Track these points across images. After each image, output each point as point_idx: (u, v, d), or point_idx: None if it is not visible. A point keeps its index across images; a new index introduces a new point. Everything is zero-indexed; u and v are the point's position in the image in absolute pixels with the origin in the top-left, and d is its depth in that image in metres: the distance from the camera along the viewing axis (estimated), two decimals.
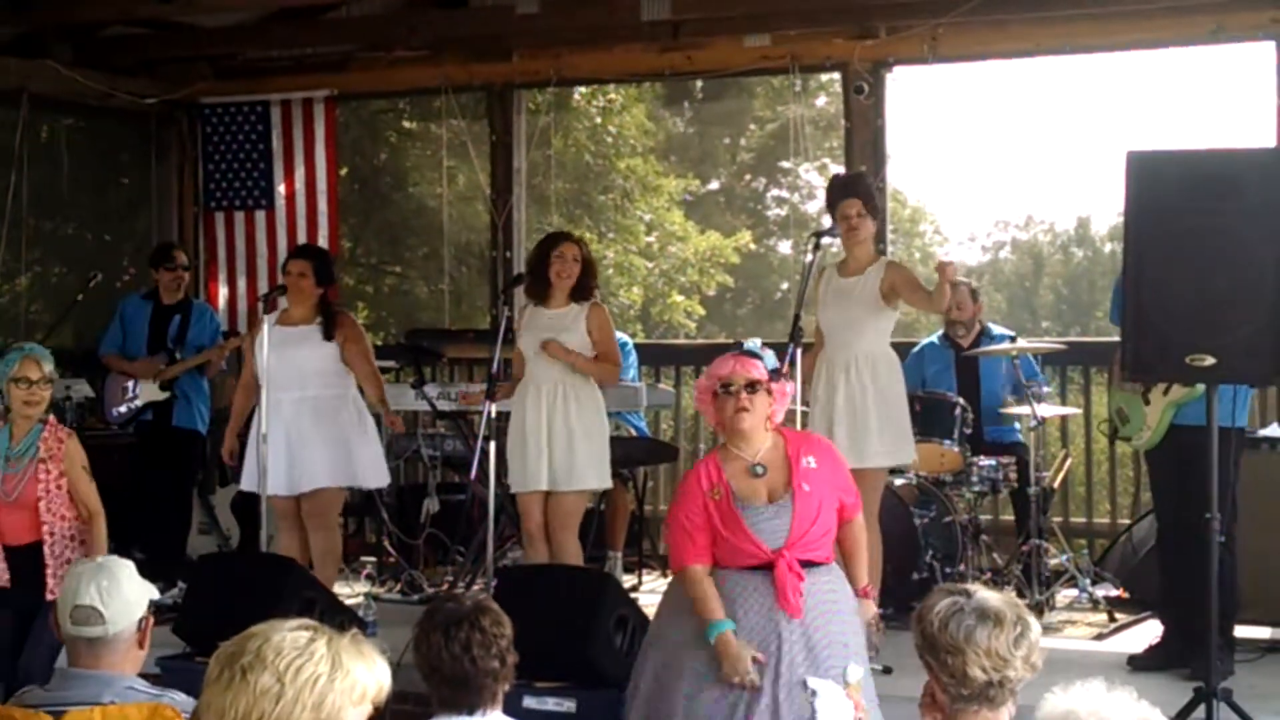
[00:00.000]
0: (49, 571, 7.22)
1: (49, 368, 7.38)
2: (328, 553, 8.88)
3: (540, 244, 8.76)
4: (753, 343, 6.24)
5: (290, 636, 3.02)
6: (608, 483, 8.75)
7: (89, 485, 7.43)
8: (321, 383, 8.86)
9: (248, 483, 9.00)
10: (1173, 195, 6.59)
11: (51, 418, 7.49)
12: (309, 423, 8.79)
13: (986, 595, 4.11)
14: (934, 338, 10.17)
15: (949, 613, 4.05)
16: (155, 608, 4.66)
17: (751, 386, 6.05)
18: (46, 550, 7.26)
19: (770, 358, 6.16)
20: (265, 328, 8.71)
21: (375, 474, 9.08)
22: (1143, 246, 6.68)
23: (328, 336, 8.87)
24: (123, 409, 10.30)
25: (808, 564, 6.00)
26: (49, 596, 6.93)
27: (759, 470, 6.08)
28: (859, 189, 8.20)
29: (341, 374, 8.93)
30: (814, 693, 5.87)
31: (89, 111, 12.97)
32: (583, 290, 8.50)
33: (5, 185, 11.59)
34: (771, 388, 6.08)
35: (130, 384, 10.28)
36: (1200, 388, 7.00)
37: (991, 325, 10.13)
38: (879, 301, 8.03)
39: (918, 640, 4.12)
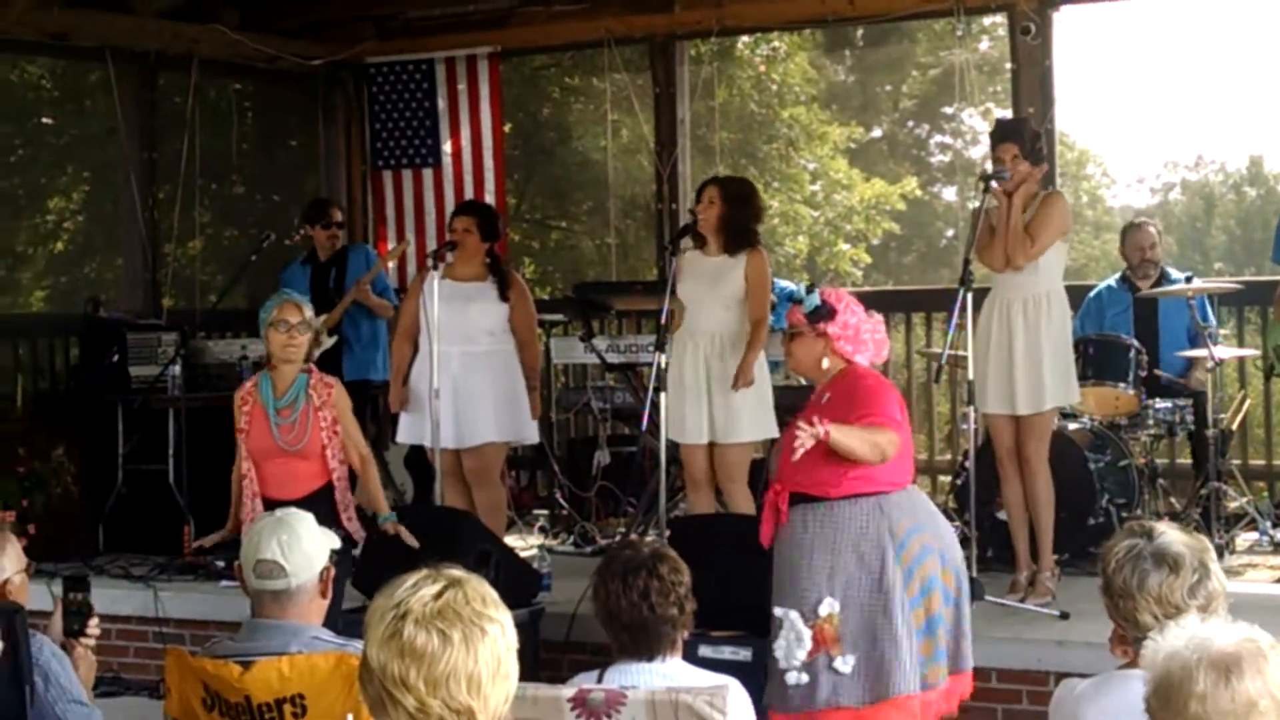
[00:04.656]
0: (344, 518, 7.29)
1: (309, 312, 7.33)
2: (492, 509, 8.92)
3: None
4: (798, 289, 6.19)
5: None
6: (773, 432, 8.69)
7: (359, 431, 7.52)
8: (491, 339, 8.91)
9: (404, 435, 9.10)
10: None
11: (313, 366, 7.47)
12: (478, 377, 8.84)
13: (1169, 539, 4.03)
14: (1112, 280, 10.02)
15: (1126, 556, 4.01)
16: (336, 557, 4.72)
17: (787, 334, 6.24)
18: (337, 497, 7.30)
19: (811, 300, 6.11)
20: (435, 282, 8.76)
21: (527, 431, 9.13)
22: None
23: (504, 297, 8.92)
24: None
25: (807, 498, 6.04)
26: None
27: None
28: (1015, 133, 8.10)
29: (509, 330, 8.98)
30: (779, 621, 6.03)
31: (256, 74, 13.12)
32: (738, 233, 8.38)
33: (178, 149, 11.77)
34: (817, 329, 6.09)
35: None
36: None
37: (1169, 269, 9.96)
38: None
39: (1100, 579, 4.10)
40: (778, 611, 6.04)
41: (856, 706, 5.90)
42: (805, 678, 5.92)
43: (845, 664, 5.88)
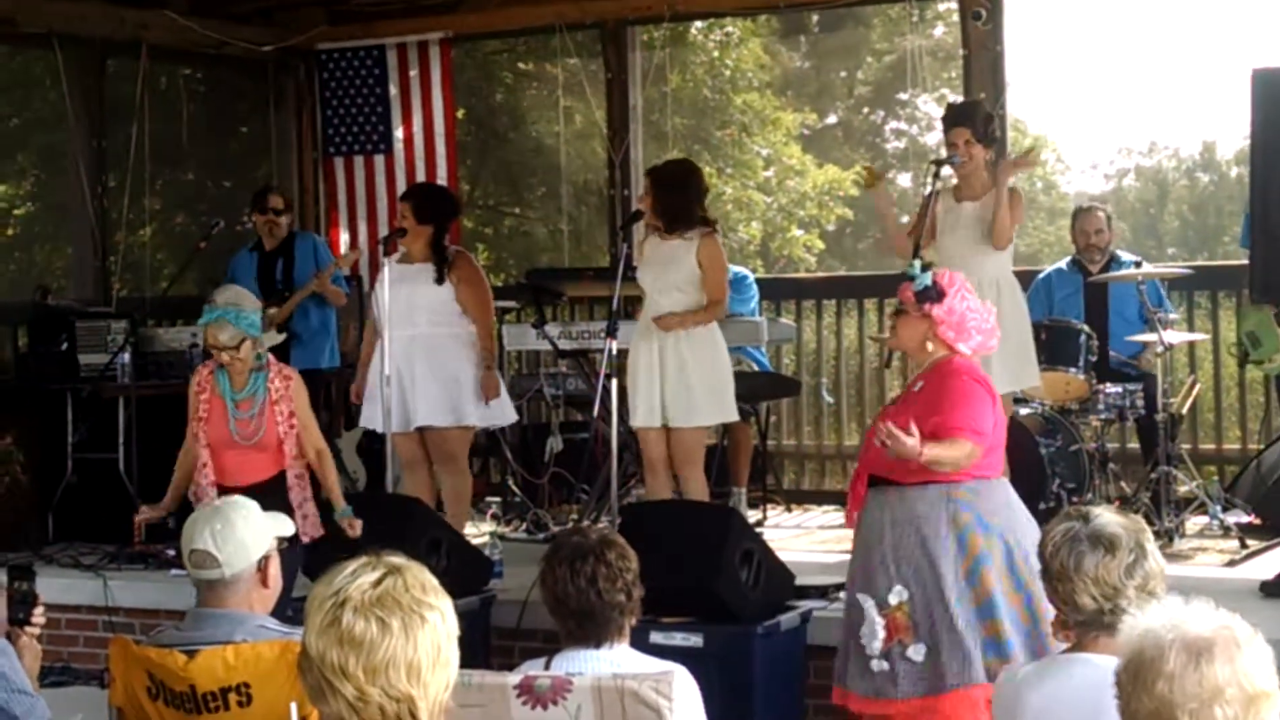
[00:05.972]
0: (298, 515, 7.18)
1: (232, 330, 7.16)
2: (457, 495, 8.95)
3: None
4: (911, 266, 6.17)
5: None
6: (731, 417, 8.71)
7: (316, 425, 7.47)
8: (430, 320, 8.86)
9: (365, 420, 9.10)
10: None
11: (271, 358, 7.41)
12: (418, 360, 8.82)
13: (1105, 521, 4.06)
14: (1062, 264, 10.07)
15: (1063, 539, 4.05)
16: (285, 543, 4.69)
17: (895, 311, 6.23)
18: (292, 495, 7.25)
19: (922, 279, 6.04)
20: (385, 269, 8.75)
21: (486, 413, 9.06)
22: (1270, 165, 6.58)
23: (439, 280, 8.89)
24: None
25: (883, 482, 6.04)
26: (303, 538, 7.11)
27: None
28: (967, 116, 8.15)
29: (455, 312, 8.92)
30: (858, 608, 6.03)
31: (206, 60, 13.07)
32: (677, 216, 8.40)
33: (127, 136, 11.70)
34: (923, 309, 6.02)
35: None
36: None
37: (1120, 252, 10.01)
38: None
39: (1040, 564, 4.12)
40: (859, 597, 6.04)
41: (930, 695, 5.88)
42: (886, 665, 5.93)
43: (918, 652, 5.88)
